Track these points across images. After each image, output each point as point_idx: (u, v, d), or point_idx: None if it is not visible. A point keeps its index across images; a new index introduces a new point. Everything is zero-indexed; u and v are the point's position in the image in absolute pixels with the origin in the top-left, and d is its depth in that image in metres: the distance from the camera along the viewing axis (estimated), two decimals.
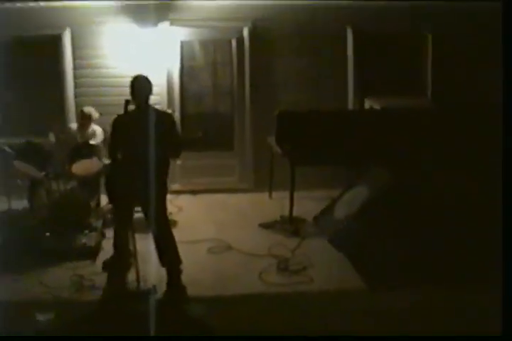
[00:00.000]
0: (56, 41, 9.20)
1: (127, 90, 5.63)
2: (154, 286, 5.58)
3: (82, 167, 7.07)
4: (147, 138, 5.36)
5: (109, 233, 6.76)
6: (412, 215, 6.00)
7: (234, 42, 9.47)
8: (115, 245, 5.68)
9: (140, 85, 5.59)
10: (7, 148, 7.54)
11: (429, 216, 6.00)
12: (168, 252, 5.68)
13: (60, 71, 9.28)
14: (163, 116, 5.63)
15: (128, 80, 5.67)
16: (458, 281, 5.65)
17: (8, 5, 8.88)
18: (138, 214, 5.82)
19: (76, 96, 9.30)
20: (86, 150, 7.18)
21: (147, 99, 5.60)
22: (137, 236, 5.58)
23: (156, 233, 5.61)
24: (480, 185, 6.28)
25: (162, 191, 5.61)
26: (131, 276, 5.58)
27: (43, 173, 7.31)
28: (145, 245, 5.70)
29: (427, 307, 5.33)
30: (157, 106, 6.13)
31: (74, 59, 9.23)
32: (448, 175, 6.47)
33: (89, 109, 8.13)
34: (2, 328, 4.93)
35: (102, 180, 7.12)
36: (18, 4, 8.89)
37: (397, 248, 5.84)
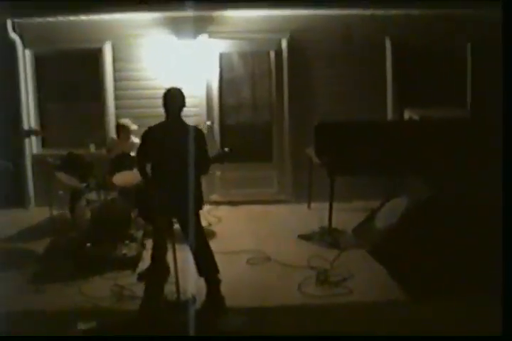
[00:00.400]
0: (97, 54, 9.39)
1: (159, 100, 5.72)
2: (194, 296, 5.63)
3: (122, 178, 7.15)
4: (176, 151, 5.46)
5: (150, 243, 6.86)
6: (452, 226, 5.96)
7: (272, 54, 9.56)
8: (153, 256, 5.73)
9: (172, 98, 5.66)
10: (50, 160, 7.66)
11: (470, 226, 5.96)
12: (205, 262, 5.72)
13: (100, 83, 9.47)
14: (193, 131, 5.59)
15: None
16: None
17: (50, 19, 9.08)
18: (175, 225, 5.86)
19: (116, 108, 9.47)
20: (127, 161, 7.24)
21: (179, 111, 5.66)
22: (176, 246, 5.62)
23: (192, 244, 5.65)
24: None
25: (195, 202, 5.62)
26: (170, 287, 5.62)
27: (84, 184, 7.42)
28: (184, 255, 5.75)
29: (470, 316, 5.29)
30: (195, 118, 6.16)
31: (114, 71, 9.42)
32: (487, 186, 6.42)
33: (124, 121, 8.24)
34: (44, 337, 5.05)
35: None
36: (60, 18, 9.08)
37: (438, 258, 5.81)
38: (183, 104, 5.67)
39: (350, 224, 7.44)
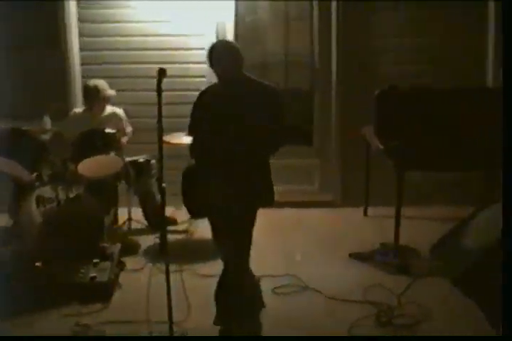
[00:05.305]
0: None
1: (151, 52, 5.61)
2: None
3: (93, 166, 7.15)
4: (238, 124, 5.39)
5: (130, 263, 6.83)
6: None
7: None
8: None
9: (224, 56, 5.51)
10: None
11: None
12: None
13: (58, 26, 9.46)
14: (263, 92, 5.53)
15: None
16: None
17: None
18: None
19: (83, 62, 9.45)
20: (99, 141, 7.23)
21: (239, 68, 5.54)
22: None
23: (229, 264, 5.80)
24: None
25: (262, 196, 5.72)
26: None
27: (35, 174, 7.40)
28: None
29: None
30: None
31: (79, 7, 9.40)
32: None
33: (96, 83, 8.17)
34: None
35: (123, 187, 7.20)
36: None
37: None
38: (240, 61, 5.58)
39: (426, 239, 7.35)
